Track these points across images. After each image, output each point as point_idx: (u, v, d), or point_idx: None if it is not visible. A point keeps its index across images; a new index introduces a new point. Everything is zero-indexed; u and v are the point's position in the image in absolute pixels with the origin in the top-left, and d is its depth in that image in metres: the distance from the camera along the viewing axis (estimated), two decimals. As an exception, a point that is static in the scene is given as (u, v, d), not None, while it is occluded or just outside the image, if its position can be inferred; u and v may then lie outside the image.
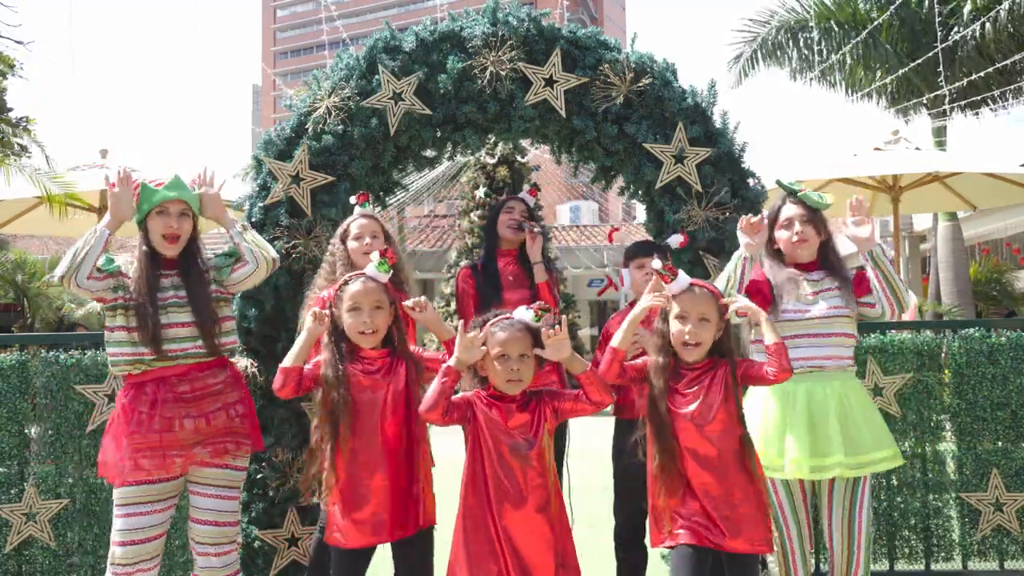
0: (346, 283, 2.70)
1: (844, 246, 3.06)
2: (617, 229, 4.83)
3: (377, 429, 2.59)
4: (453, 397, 2.51)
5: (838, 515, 2.83)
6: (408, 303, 2.72)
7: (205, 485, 2.77)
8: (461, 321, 2.55)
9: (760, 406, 2.85)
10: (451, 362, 2.48)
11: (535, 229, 3.60)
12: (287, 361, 2.64)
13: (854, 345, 2.91)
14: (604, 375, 2.55)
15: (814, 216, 2.93)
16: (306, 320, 2.68)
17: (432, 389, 2.47)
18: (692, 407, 2.51)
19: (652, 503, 2.59)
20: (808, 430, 2.74)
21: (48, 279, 13.30)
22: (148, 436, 2.66)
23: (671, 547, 2.53)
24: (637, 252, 3.29)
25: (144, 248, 2.80)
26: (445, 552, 2.51)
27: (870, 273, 2.90)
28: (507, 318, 2.54)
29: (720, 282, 2.88)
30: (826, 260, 2.95)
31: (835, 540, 2.84)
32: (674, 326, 2.55)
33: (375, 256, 2.70)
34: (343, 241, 3.24)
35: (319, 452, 2.61)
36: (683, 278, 2.57)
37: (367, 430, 2.58)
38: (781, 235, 2.95)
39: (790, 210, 2.94)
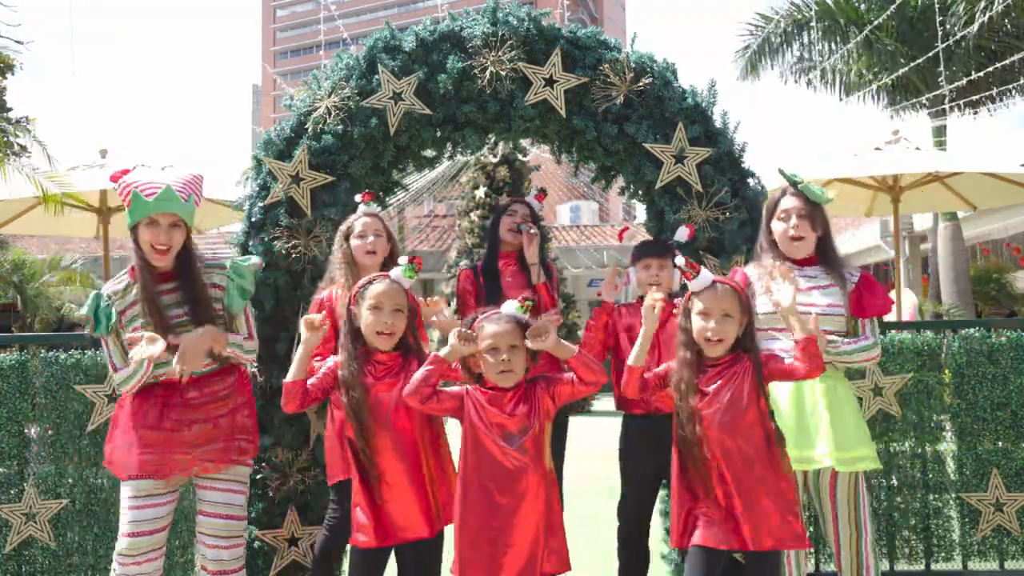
0: (370, 282, 2.72)
1: (843, 244, 3.05)
2: (627, 228, 4.83)
3: (386, 431, 2.61)
4: (448, 389, 2.56)
5: (843, 515, 2.81)
6: (432, 300, 2.85)
7: (216, 479, 2.80)
8: (456, 316, 2.58)
9: None
10: (442, 352, 2.53)
11: (531, 231, 3.65)
12: (289, 376, 2.66)
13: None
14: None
15: (813, 210, 2.88)
16: (301, 330, 2.68)
17: (417, 375, 2.52)
18: (717, 402, 2.52)
19: (674, 503, 2.60)
20: (795, 422, 2.73)
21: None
22: (156, 436, 2.71)
23: (687, 547, 2.54)
24: (643, 252, 3.29)
25: (139, 261, 2.76)
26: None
27: None
28: (495, 312, 2.57)
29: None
30: (824, 257, 2.92)
31: (841, 541, 2.82)
32: (697, 322, 2.57)
33: (403, 260, 2.75)
34: (346, 239, 3.24)
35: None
36: (705, 275, 2.60)
37: (377, 432, 2.61)
38: (777, 227, 2.92)
39: (789, 202, 2.90)
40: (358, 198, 3.36)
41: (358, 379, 2.63)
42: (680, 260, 2.64)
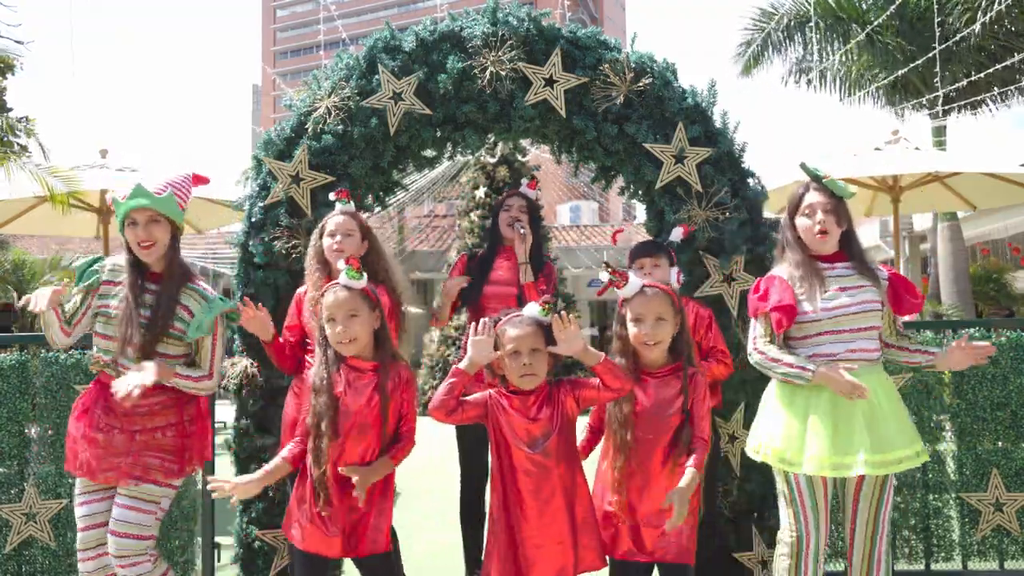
0: (323, 294, 2.69)
1: (863, 237, 3.03)
2: (621, 231, 4.81)
3: (346, 440, 2.57)
4: (470, 396, 2.56)
5: (863, 515, 2.79)
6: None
7: (123, 496, 2.76)
8: (473, 324, 2.56)
9: (784, 399, 2.80)
10: (462, 364, 2.52)
11: (521, 230, 3.64)
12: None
13: (879, 335, 2.84)
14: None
15: (837, 205, 2.86)
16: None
17: (440, 389, 2.52)
18: (645, 414, 2.58)
19: (602, 507, 2.65)
20: (832, 427, 2.68)
21: (47, 278, 13.29)
22: (92, 435, 2.77)
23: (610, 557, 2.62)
24: (636, 254, 3.29)
25: (129, 257, 2.82)
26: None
27: None
28: (517, 315, 2.56)
29: None
30: (851, 253, 2.88)
31: (856, 540, 2.80)
32: (631, 328, 2.60)
33: (342, 264, 2.69)
34: (320, 237, 3.21)
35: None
36: (634, 281, 2.61)
37: (339, 438, 2.58)
38: (802, 223, 2.87)
39: (813, 197, 2.86)
40: (332, 196, 3.31)
41: (326, 386, 2.59)
42: (604, 275, 2.63)
